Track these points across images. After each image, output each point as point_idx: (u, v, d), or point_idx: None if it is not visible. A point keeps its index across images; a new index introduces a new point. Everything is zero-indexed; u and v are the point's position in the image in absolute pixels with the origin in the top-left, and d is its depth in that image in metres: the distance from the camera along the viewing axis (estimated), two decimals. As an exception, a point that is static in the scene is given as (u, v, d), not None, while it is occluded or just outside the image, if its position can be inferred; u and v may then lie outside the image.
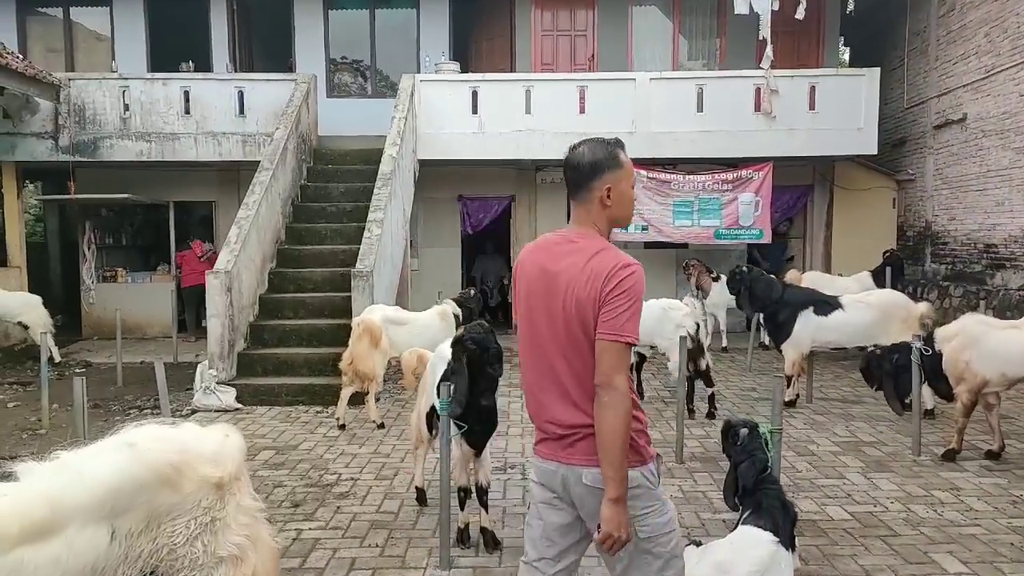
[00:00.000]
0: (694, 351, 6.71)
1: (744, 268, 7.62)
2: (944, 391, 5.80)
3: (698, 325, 6.87)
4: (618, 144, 2.40)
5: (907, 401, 6.80)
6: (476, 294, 7.74)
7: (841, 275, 10.57)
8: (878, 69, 11.30)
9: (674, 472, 5.50)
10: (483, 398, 3.90)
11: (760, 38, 11.07)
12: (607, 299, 2.19)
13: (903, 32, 12.10)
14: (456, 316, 6.91)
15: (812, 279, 9.62)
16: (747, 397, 7.90)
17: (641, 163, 11.51)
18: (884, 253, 10.75)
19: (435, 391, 4.33)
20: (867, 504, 4.83)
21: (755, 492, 3.93)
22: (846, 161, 12.13)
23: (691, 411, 6.88)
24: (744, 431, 4.12)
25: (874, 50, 12.66)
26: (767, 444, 4.05)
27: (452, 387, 3.88)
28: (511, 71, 12.37)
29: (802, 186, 12.62)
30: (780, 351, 7.37)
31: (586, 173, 2.34)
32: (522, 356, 2.46)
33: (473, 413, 4.00)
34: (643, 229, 11.72)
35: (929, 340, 5.78)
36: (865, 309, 7.05)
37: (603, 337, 2.19)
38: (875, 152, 11.43)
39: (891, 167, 12.52)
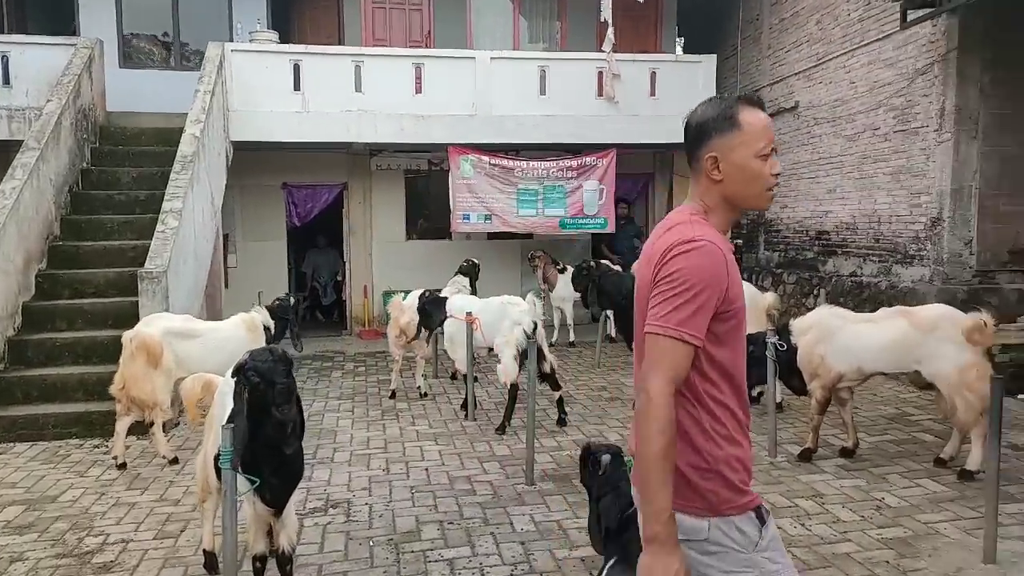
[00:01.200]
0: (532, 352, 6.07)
1: (591, 263, 7.08)
2: (797, 386, 5.52)
3: (535, 324, 6.24)
4: (743, 101, 1.86)
5: (756, 394, 6.57)
6: (296, 300, 6.63)
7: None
8: (714, 56, 11.28)
9: (524, 498, 4.81)
10: (282, 444, 2.97)
11: (601, 20, 10.67)
12: (656, 283, 1.75)
13: (736, 20, 12.19)
14: (267, 327, 5.80)
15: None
16: (598, 398, 7.41)
17: (484, 148, 10.82)
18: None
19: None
20: (733, 522, 4.36)
21: (621, 534, 3.28)
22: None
23: (503, 426, 6.22)
24: (606, 458, 3.46)
25: (709, 38, 12.70)
26: (632, 475, 3.41)
27: (234, 430, 2.91)
28: (339, 44, 11.22)
29: (643, 174, 12.46)
30: (631, 349, 6.89)
31: (691, 138, 1.88)
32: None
33: (268, 463, 3.06)
34: (487, 219, 11.04)
35: (783, 333, 5.48)
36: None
37: (646, 329, 1.73)
38: (714, 140, 11.38)
39: (727, 155, 12.61)
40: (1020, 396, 6.49)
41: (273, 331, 5.88)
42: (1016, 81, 7.15)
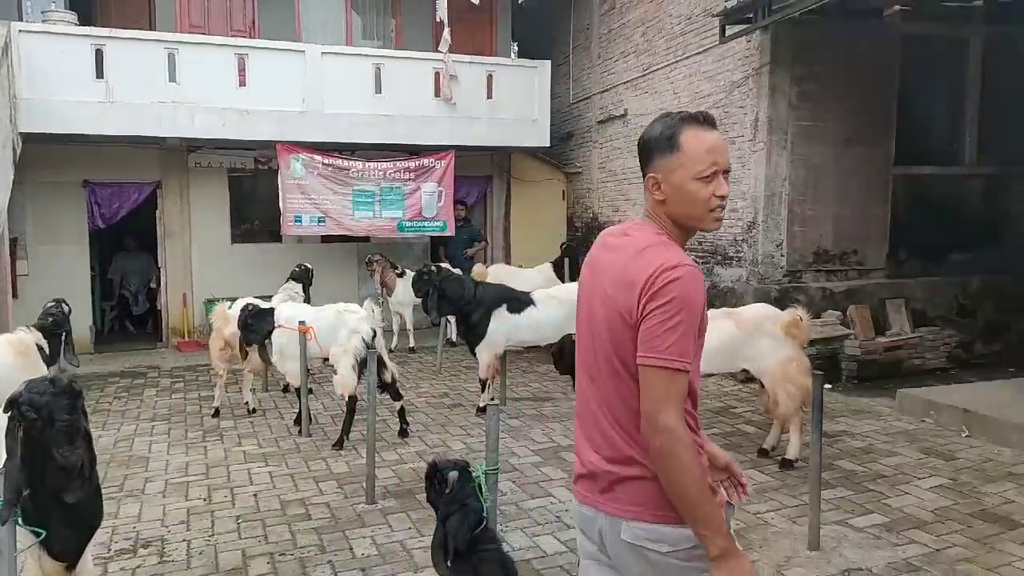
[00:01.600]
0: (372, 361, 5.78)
1: (432, 267, 6.88)
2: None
3: (375, 331, 5.96)
4: (687, 120, 1.81)
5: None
6: (68, 307, 5.90)
7: (522, 267, 10.50)
8: (548, 62, 11.47)
9: (365, 518, 4.52)
10: (70, 490, 2.50)
11: (437, 20, 10.51)
12: (646, 312, 1.71)
13: (568, 28, 12.50)
14: (41, 348, 5.03)
15: (497, 273, 9.33)
16: (440, 405, 7.22)
17: (316, 147, 10.30)
18: (562, 245, 10.92)
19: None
20: (578, 527, 4.33)
21: (470, 556, 3.12)
22: (521, 153, 12.20)
23: (341, 441, 5.91)
24: (453, 475, 3.28)
25: (542, 45, 12.92)
26: (481, 489, 3.26)
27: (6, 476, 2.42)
28: (150, 30, 10.24)
29: (482, 176, 12.45)
30: (474, 354, 6.79)
31: (640, 155, 1.88)
32: (576, 371, 1.98)
33: (55, 511, 2.58)
34: (320, 221, 10.52)
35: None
36: (557, 305, 6.77)
37: (643, 361, 1.71)
38: (548, 144, 11.62)
39: (560, 160, 12.93)
40: (828, 386, 7.06)
41: (48, 350, 5.11)
42: (819, 96, 7.80)
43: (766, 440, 5.50)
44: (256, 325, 6.36)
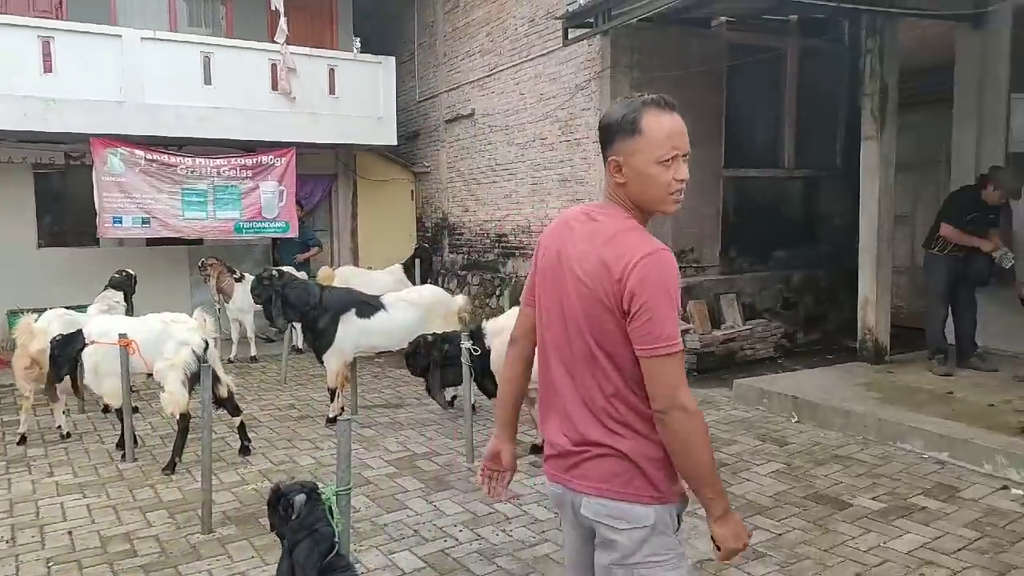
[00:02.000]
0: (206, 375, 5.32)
1: (274, 271, 6.44)
2: (490, 389, 5.57)
3: (206, 343, 5.50)
4: (649, 104, 1.85)
5: (451, 398, 6.55)
6: None
7: (372, 269, 10.18)
8: (393, 58, 11.20)
9: (200, 550, 4.10)
10: None
11: (272, 9, 9.94)
12: (637, 305, 1.76)
13: (412, 25, 12.28)
14: None
15: (345, 275, 8.97)
16: (286, 417, 6.80)
17: (138, 142, 9.43)
18: (416, 246, 10.70)
19: None
20: (437, 539, 4.17)
21: (321, 587, 2.88)
22: (368, 151, 11.85)
23: (173, 464, 5.42)
24: (300, 499, 3.02)
25: (385, 41, 12.60)
26: (332, 512, 3.02)
27: None
28: (-70, 4, 8.93)
29: (326, 176, 11.95)
30: (321, 362, 6.44)
31: (601, 139, 1.93)
32: (538, 354, 2.08)
33: None
34: (144, 222, 9.65)
35: (476, 336, 5.48)
36: (408, 308, 6.57)
37: (651, 353, 1.76)
38: (395, 143, 11.35)
39: (408, 159, 12.69)
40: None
41: None
42: (656, 101, 8.09)
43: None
44: (63, 357, 5.68)
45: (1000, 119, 7.10)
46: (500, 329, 5.41)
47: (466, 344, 5.35)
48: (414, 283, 8.95)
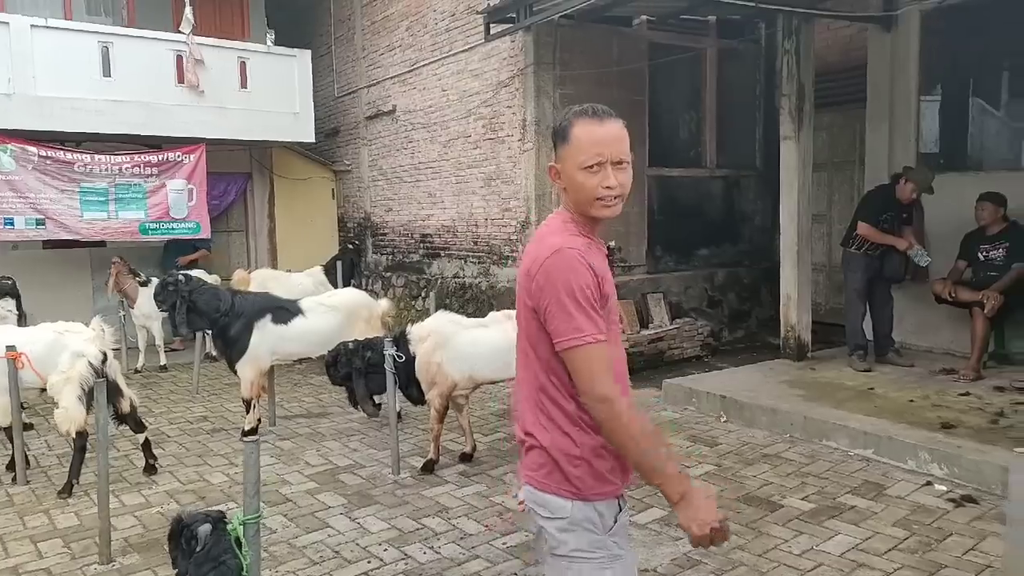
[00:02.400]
0: (109, 390, 4.91)
1: (180, 276, 6.02)
2: (416, 396, 5.34)
3: (105, 354, 5.08)
4: (579, 113, 1.92)
5: (375, 405, 6.27)
6: None
7: (291, 271, 9.74)
8: (309, 51, 10.77)
9: (98, 586, 3.74)
10: None
11: (178, -3, 9.41)
12: (544, 302, 1.84)
13: (329, 18, 11.86)
14: None
15: (263, 278, 8.53)
16: (198, 431, 6.38)
17: (30, 137, 8.74)
18: (346, 246, 10.18)
19: None
20: (360, 560, 3.93)
21: (230, 625, 2.62)
22: (284, 148, 11.38)
23: (69, 487, 4.99)
24: (204, 529, 2.75)
25: (301, 34, 12.13)
26: (240, 543, 2.76)
27: None
28: None
29: (240, 174, 11.41)
30: (235, 372, 6.05)
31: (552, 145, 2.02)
32: None
33: None
34: (39, 224, 8.97)
35: (401, 341, 5.24)
36: (328, 312, 6.25)
37: (560, 347, 1.83)
38: (313, 140, 10.94)
39: (328, 157, 12.27)
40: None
41: None
42: (580, 98, 7.94)
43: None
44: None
45: (910, 121, 7.32)
46: (426, 334, 5.20)
47: (390, 350, 5.11)
48: (336, 286, 8.59)
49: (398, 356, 5.12)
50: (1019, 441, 4.63)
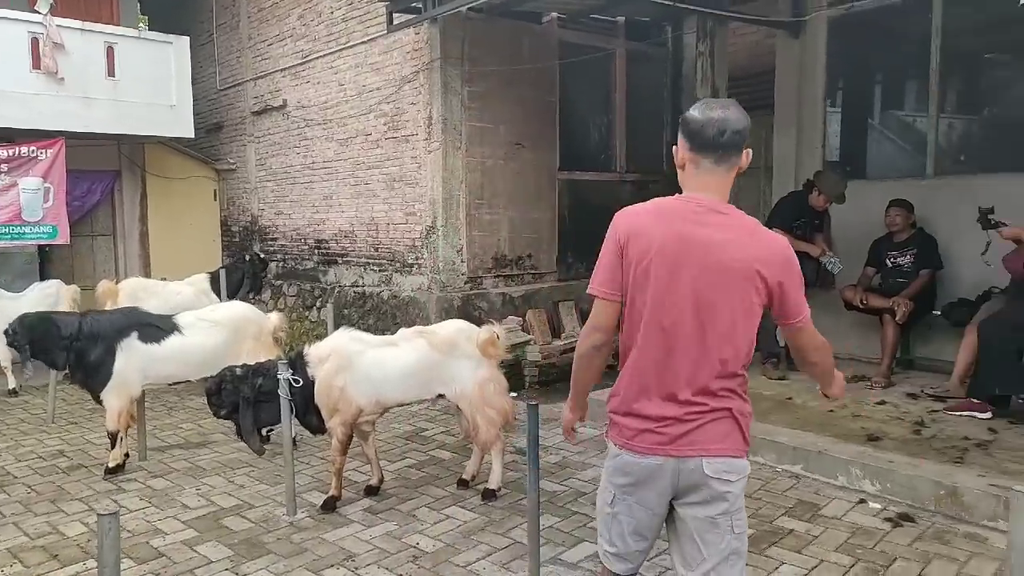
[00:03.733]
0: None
1: (7, 328, 5.13)
2: (315, 425, 4.72)
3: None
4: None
5: (267, 434, 5.57)
6: None
7: (166, 280, 8.78)
8: (187, 38, 9.83)
9: None
10: None
11: (31, -29, 8.31)
12: (787, 281, 2.19)
13: (210, 4, 10.91)
14: None
15: (133, 289, 7.59)
16: (53, 469, 5.48)
17: None
18: (238, 258, 8.94)
19: None
20: (252, 629, 3.32)
21: None
22: (160, 144, 10.35)
23: None
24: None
25: (179, 21, 11.10)
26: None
27: None
28: None
29: (107, 171, 10.28)
30: (100, 402, 5.23)
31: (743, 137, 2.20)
32: (631, 330, 2.20)
33: None
34: None
35: (297, 364, 4.61)
36: (211, 329, 5.51)
37: (805, 320, 2.27)
38: (192, 135, 9.99)
39: (210, 154, 11.29)
40: (514, 395, 6.86)
41: None
42: (489, 96, 7.60)
43: (466, 469, 4.99)
44: None
45: (817, 128, 7.33)
46: (326, 354, 4.59)
47: (285, 375, 4.47)
48: (221, 298, 7.75)
49: (295, 380, 4.50)
50: (944, 453, 4.55)
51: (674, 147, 2.26)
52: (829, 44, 7.23)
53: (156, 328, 5.34)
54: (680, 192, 2.23)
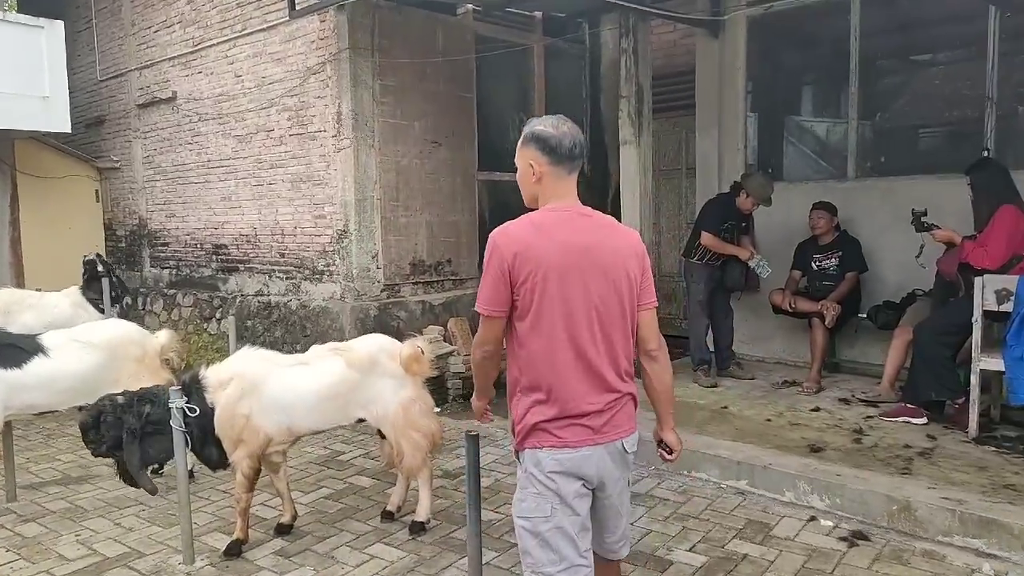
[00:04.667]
0: None
1: None
2: (216, 459, 4.14)
3: None
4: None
5: (158, 468, 4.93)
6: None
7: (41, 290, 7.81)
8: (61, 23, 8.85)
9: None
10: None
11: None
12: (647, 272, 2.44)
13: (89, -15, 9.91)
14: None
15: (5, 302, 6.71)
16: None
17: None
18: (85, 259, 7.91)
19: None
20: None
21: None
22: (32, 139, 9.30)
23: None
24: None
25: (51, 4, 10.02)
26: None
27: None
28: None
29: (-32, 169, 9.15)
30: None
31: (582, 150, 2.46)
32: (542, 343, 2.30)
33: None
34: None
35: (193, 389, 4.02)
36: (83, 350, 4.78)
37: (653, 304, 2.46)
38: (69, 130, 9.01)
39: (90, 151, 10.26)
40: (437, 410, 6.41)
41: None
42: (402, 91, 7.11)
43: (391, 500, 4.51)
44: None
45: (738, 129, 7.23)
46: (228, 378, 4.02)
47: (179, 402, 3.88)
48: (103, 311, 6.92)
49: (190, 409, 3.91)
50: (889, 463, 4.44)
51: (527, 163, 2.39)
52: (748, 44, 7.14)
53: (17, 349, 4.60)
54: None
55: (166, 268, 9.28)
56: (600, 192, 8.76)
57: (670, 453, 2.59)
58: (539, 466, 2.31)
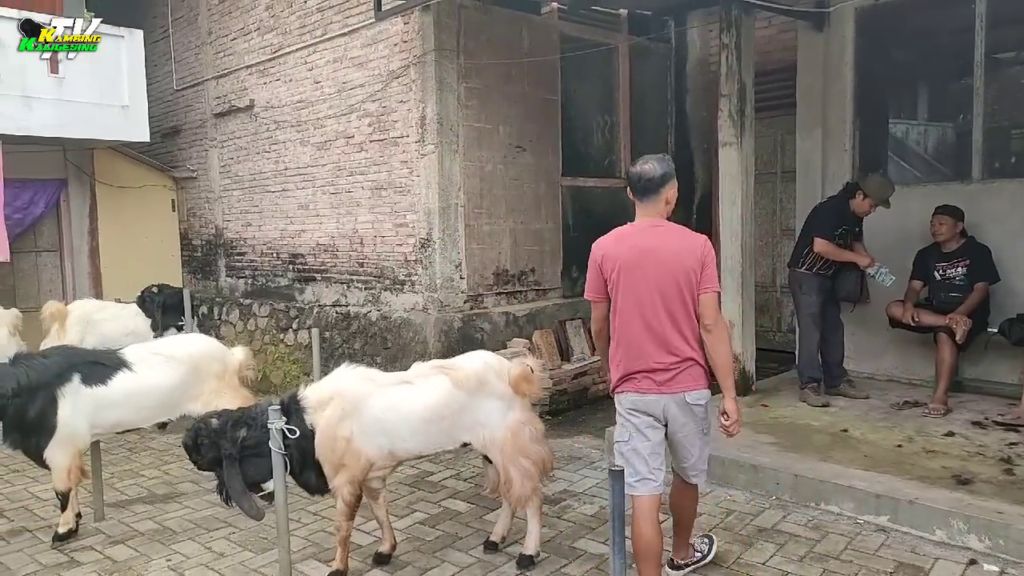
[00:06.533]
0: None
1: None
2: (316, 485, 3.88)
3: None
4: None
5: (268, 492, 4.68)
6: None
7: (120, 300, 7.78)
8: (140, 32, 8.89)
9: None
10: None
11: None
12: (710, 263, 3.13)
13: (166, -4, 9.96)
14: None
15: (86, 312, 6.68)
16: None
17: None
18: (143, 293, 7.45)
19: None
20: None
21: None
22: (111, 149, 9.37)
23: None
24: None
25: (129, 15, 10.09)
26: None
27: None
28: None
29: (52, 180, 9.25)
30: (43, 463, 4.32)
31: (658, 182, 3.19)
32: (623, 318, 3.19)
33: None
34: None
35: (292, 410, 3.77)
36: (167, 364, 4.61)
37: (715, 288, 3.16)
38: (147, 140, 9.04)
39: (166, 161, 10.30)
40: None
41: None
42: (486, 94, 6.85)
43: (495, 529, 4.20)
44: None
45: (845, 132, 6.73)
46: (327, 398, 3.77)
47: (278, 423, 3.64)
48: (158, 326, 6.79)
49: (290, 431, 3.67)
50: (1054, 498, 3.93)
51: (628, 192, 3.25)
52: (857, 37, 6.65)
53: (101, 366, 4.44)
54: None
55: (242, 278, 9.21)
56: (685, 198, 8.35)
57: (727, 420, 3.22)
58: (622, 405, 3.24)
